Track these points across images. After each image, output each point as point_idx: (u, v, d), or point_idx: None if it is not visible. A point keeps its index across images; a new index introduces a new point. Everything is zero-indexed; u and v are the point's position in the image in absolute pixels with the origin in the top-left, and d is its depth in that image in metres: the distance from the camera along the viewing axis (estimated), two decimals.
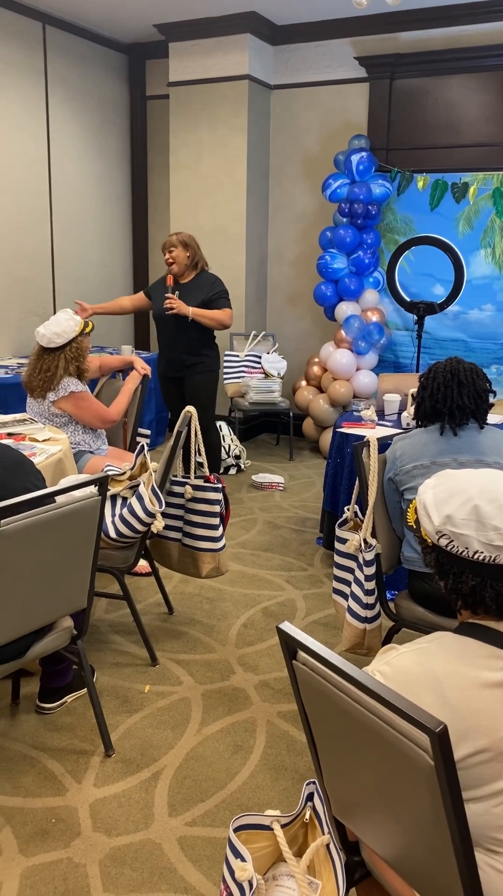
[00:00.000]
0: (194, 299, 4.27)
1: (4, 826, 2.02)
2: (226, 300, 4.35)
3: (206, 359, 4.44)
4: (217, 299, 4.31)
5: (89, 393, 3.46)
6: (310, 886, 1.51)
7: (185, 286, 4.33)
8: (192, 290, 4.31)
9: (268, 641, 3.03)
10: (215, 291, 4.32)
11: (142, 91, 6.28)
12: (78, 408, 3.39)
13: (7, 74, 5.05)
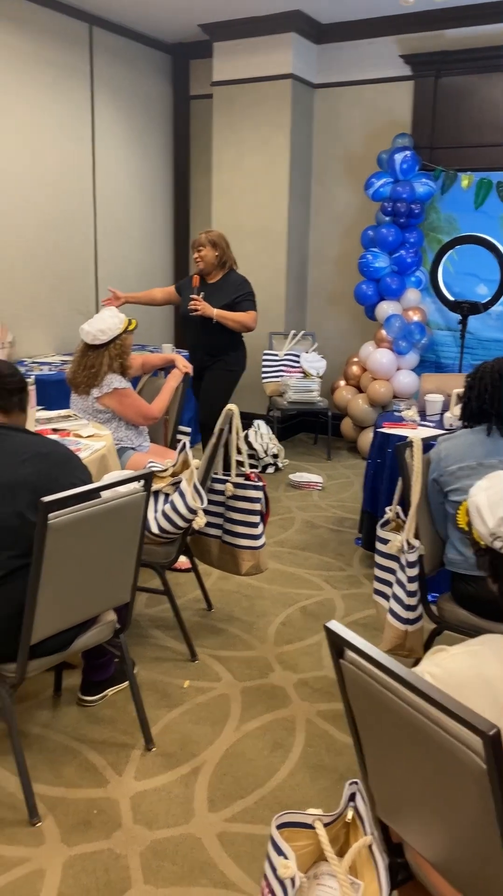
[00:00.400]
0: (220, 300, 4.24)
1: (47, 815, 2.06)
2: (251, 302, 4.30)
3: (227, 359, 4.41)
4: (242, 301, 4.27)
5: (132, 390, 3.50)
6: (352, 887, 1.51)
7: (212, 286, 4.31)
8: (219, 291, 4.28)
9: (306, 640, 3.03)
10: (241, 293, 4.28)
11: (185, 91, 6.31)
12: (121, 404, 3.43)
13: (54, 75, 5.12)
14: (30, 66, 4.94)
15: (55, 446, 2.15)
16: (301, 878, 1.48)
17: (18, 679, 2.01)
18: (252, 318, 4.28)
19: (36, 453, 2.08)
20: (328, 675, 2.78)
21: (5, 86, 4.79)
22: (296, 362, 5.75)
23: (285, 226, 5.80)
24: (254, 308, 4.32)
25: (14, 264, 5.06)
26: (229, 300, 4.26)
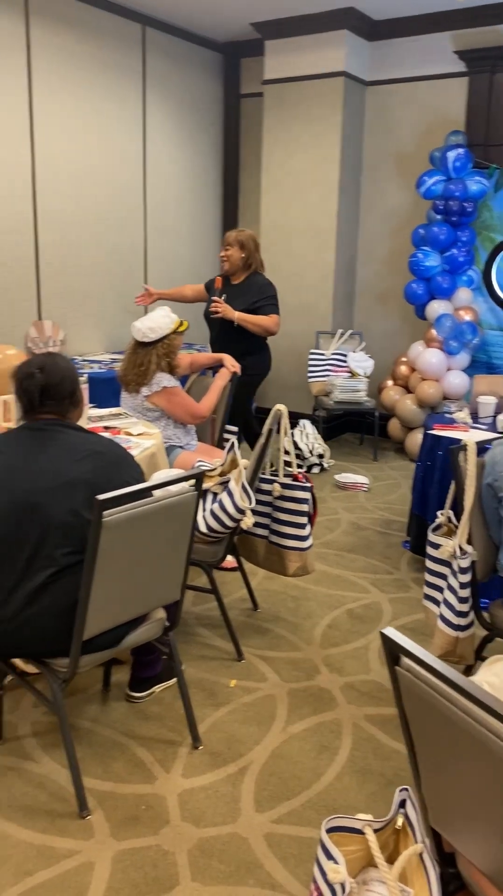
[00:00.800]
0: (242, 302, 4.16)
1: (97, 809, 2.08)
2: (273, 306, 4.21)
3: (245, 363, 4.32)
4: (265, 305, 4.18)
5: (181, 388, 3.52)
6: (402, 894, 1.49)
7: (236, 287, 4.25)
8: (242, 292, 4.22)
9: (353, 643, 3.01)
10: (264, 296, 4.20)
11: (236, 89, 6.32)
12: (170, 402, 3.45)
13: (109, 76, 5.18)
14: (84, 66, 5.00)
15: (110, 445, 2.18)
16: (351, 884, 1.47)
17: (70, 674, 2.04)
18: (274, 322, 4.18)
19: (92, 452, 2.10)
20: (375, 680, 2.76)
21: (60, 86, 4.86)
22: (343, 362, 5.72)
23: (334, 224, 5.77)
24: (277, 312, 4.22)
25: (66, 263, 5.14)
26: (251, 303, 4.17)
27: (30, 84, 4.67)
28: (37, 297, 4.99)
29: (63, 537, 2.00)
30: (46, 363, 2.16)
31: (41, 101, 4.75)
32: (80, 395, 2.34)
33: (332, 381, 5.57)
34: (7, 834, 1.99)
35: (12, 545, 2.00)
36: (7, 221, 4.66)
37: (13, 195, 4.67)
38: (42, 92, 4.75)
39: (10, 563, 2.00)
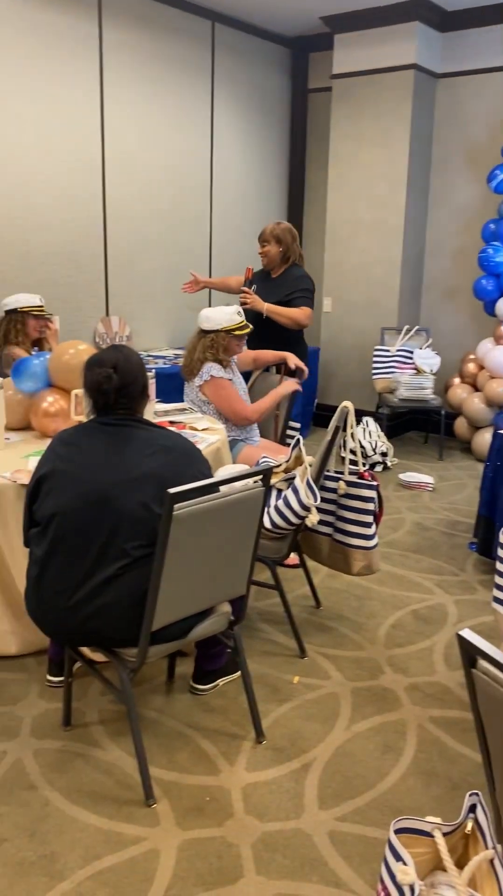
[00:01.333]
0: (276, 295, 4.10)
1: (162, 798, 2.11)
2: (306, 298, 4.12)
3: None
4: (298, 297, 4.10)
5: (230, 383, 3.51)
6: None
7: (273, 281, 4.19)
8: (278, 286, 4.16)
9: (418, 644, 2.98)
10: (298, 288, 4.12)
11: (303, 84, 6.30)
12: (216, 395, 3.46)
13: (178, 73, 5.23)
14: (154, 64, 5.06)
15: (179, 440, 2.20)
16: (420, 886, 1.46)
17: (139, 663, 2.07)
18: (305, 314, 4.08)
19: (162, 447, 2.13)
20: (441, 682, 2.72)
21: (130, 85, 4.92)
22: (409, 358, 5.65)
23: (402, 219, 5.69)
24: (310, 304, 4.12)
25: (133, 259, 5.21)
26: (285, 295, 4.11)
27: (101, 83, 4.75)
28: (105, 293, 5.07)
29: (133, 530, 2.03)
30: (119, 362, 2.16)
31: (112, 100, 4.82)
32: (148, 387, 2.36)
33: (398, 378, 5.50)
34: (75, 818, 2.03)
35: (85, 537, 2.04)
36: (78, 219, 4.75)
37: (85, 193, 4.76)
38: (113, 90, 4.82)
39: (82, 554, 2.04)
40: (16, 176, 4.35)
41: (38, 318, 3.81)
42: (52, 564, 2.07)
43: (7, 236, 4.36)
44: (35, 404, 3.15)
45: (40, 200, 4.51)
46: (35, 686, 2.63)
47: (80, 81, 4.61)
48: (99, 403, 2.19)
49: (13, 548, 2.63)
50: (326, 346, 6.32)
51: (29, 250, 4.50)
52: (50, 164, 4.52)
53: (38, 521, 2.13)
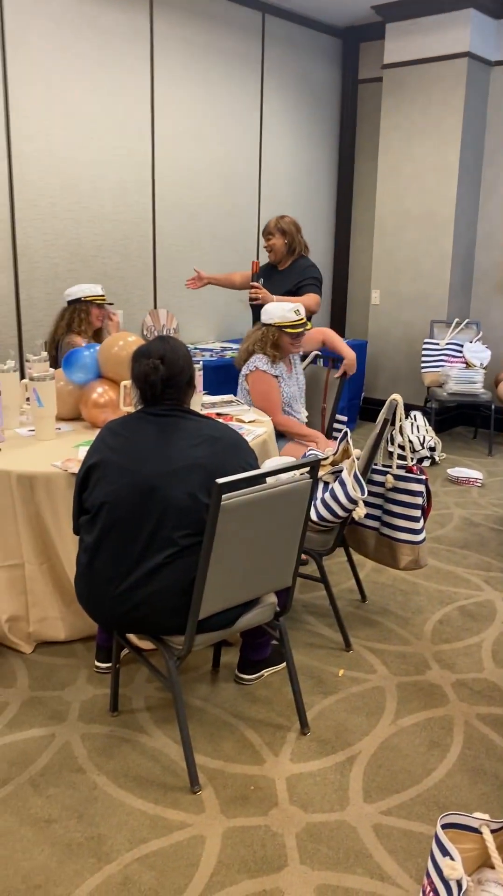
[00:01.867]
0: (285, 286, 4.10)
1: (207, 785, 2.13)
2: (313, 286, 4.10)
3: None
4: (306, 285, 4.09)
5: (273, 381, 3.49)
6: None
7: (281, 274, 4.20)
8: (286, 278, 4.15)
9: (465, 640, 2.94)
10: (305, 277, 4.11)
11: (354, 75, 6.23)
12: (255, 387, 3.48)
13: (228, 65, 5.23)
14: (204, 57, 5.06)
15: (226, 430, 2.21)
16: (468, 882, 1.44)
17: (185, 651, 2.09)
18: (313, 301, 4.05)
19: (208, 437, 2.14)
20: (489, 679, 2.68)
21: (181, 77, 4.94)
22: (459, 352, 5.56)
23: (453, 210, 5.60)
24: (318, 292, 4.10)
25: (181, 252, 5.24)
26: (293, 285, 4.11)
27: (152, 76, 4.77)
28: (153, 285, 5.11)
29: (180, 519, 2.05)
30: (166, 353, 2.19)
31: (162, 93, 4.85)
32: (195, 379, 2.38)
33: (447, 371, 5.43)
34: (122, 802, 2.07)
35: (134, 525, 2.06)
36: (128, 212, 4.80)
37: (135, 186, 4.81)
38: (164, 83, 4.85)
39: (131, 542, 2.07)
40: (69, 170, 4.41)
41: (101, 308, 3.87)
42: (102, 552, 2.10)
43: (61, 229, 4.43)
44: (85, 395, 3.20)
45: (92, 194, 4.56)
46: (83, 672, 2.68)
47: (131, 75, 4.65)
48: (146, 394, 2.21)
49: (63, 535, 2.67)
50: (374, 339, 6.27)
51: (81, 243, 4.56)
52: (102, 158, 4.57)
53: (88, 510, 2.16)
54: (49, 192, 4.34)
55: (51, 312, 4.46)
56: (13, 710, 2.46)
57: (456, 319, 5.72)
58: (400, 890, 1.80)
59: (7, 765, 2.20)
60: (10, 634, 2.76)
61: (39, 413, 3.01)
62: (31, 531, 2.69)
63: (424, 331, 5.91)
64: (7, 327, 4.28)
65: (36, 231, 4.32)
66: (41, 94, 4.21)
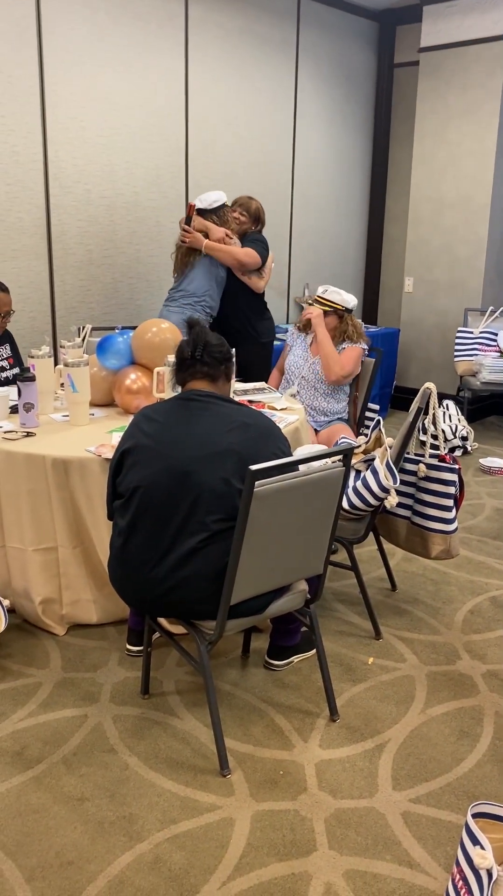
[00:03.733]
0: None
1: (237, 769, 2.15)
2: (252, 243, 4.03)
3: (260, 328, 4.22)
4: (246, 242, 4.04)
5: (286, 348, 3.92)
6: None
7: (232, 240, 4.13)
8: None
9: (497, 631, 2.92)
10: (249, 238, 4.08)
11: (390, 59, 6.15)
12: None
13: (263, 50, 5.19)
14: (239, 41, 5.03)
15: (259, 417, 2.21)
16: (498, 871, 1.44)
17: (217, 636, 2.11)
18: (247, 253, 3.96)
19: (241, 423, 2.15)
20: None
21: (215, 62, 4.92)
22: (493, 341, 5.49)
23: (489, 196, 5.52)
24: (258, 251, 4.01)
25: None
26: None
27: (186, 61, 4.76)
28: None
29: (214, 504, 2.06)
30: (206, 334, 2.28)
31: (196, 78, 4.83)
32: (232, 370, 2.40)
33: (480, 360, 5.36)
34: (153, 783, 2.10)
35: (167, 510, 2.08)
36: (162, 198, 4.80)
37: (169, 171, 4.80)
38: (198, 68, 4.83)
39: (164, 527, 2.09)
40: (104, 156, 4.42)
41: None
42: (136, 535, 2.12)
43: (95, 216, 4.45)
44: (118, 381, 3.22)
45: (127, 180, 4.57)
46: (115, 654, 2.71)
47: (166, 61, 4.64)
48: (183, 364, 2.27)
49: (97, 519, 2.70)
50: (407, 327, 6.21)
51: (115, 229, 4.58)
52: (136, 144, 4.58)
53: (122, 494, 2.19)
54: (84, 178, 4.36)
55: (85, 299, 4.49)
56: (46, 691, 2.50)
57: (490, 308, 5.64)
58: (428, 877, 1.81)
59: (41, 744, 2.25)
60: (43, 616, 2.80)
61: (73, 399, 3.04)
62: (65, 515, 2.72)
63: (458, 319, 5.84)
64: (41, 314, 4.31)
65: (70, 218, 4.34)
66: (76, 81, 4.22)
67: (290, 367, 3.81)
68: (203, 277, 4.02)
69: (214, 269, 4.03)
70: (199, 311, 4.01)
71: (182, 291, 4.06)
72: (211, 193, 4.04)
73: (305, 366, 3.73)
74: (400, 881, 1.80)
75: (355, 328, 3.72)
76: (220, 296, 4.13)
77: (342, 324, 3.73)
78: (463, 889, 1.52)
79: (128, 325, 4.49)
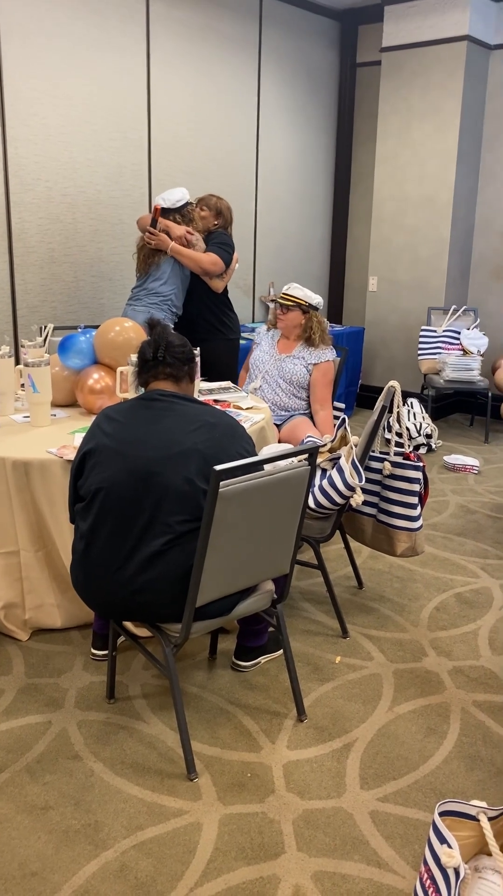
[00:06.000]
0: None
1: (204, 772, 2.13)
2: (219, 248, 4.01)
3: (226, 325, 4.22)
4: (210, 246, 4.02)
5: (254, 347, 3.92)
6: None
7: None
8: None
9: (462, 628, 2.94)
10: (214, 240, 4.05)
11: (352, 59, 6.17)
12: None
13: (225, 48, 5.16)
14: (201, 39, 5.00)
15: (223, 417, 2.19)
16: (465, 870, 1.44)
17: (182, 639, 2.08)
18: (209, 259, 3.95)
19: (205, 423, 2.13)
20: (485, 666, 2.68)
21: (177, 59, 4.88)
22: (456, 339, 5.54)
23: (451, 196, 5.57)
24: (220, 255, 4.00)
25: None
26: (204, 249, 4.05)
27: (148, 58, 4.71)
28: None
29: (178, 505, 2.04)
30: (166, 335, 2.26)
31: (159, 75, 4.79)
32: (195, 370, 2.37)
33: (444, 359, 5.41)
34: (119, 789, 2.06)
35: (130, 511, 2.05)
36: (125, 196, 4.75)
37: (132, 169, 4.75)
38: (160, 66, 4.78)
39: (127, 528, 2.05)
40: (65, 153, 4.36)
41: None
42: (98, 539, 2.09)
43: (56, 213, 4.38)
44: (81, 381, 3.17)
45: (89, 178, 4.51)
46: (79, 659, 2.67)
47: (127, 57, 4.59)
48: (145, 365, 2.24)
49: (59, 522, 2.66)
50: (371, 326, 6.25)
51: (77, 227, 4.52)
52: (98, 141, 4.52)
53: (83, 496, 2.15)
54: (45, 175, 4.29)
55: (46, 298, 4.42)
56: (9, 698, 2.45)
57: (453, 306, 5.69)
58: (397, 876, 1.80)
59: (3, 752, 2.20)
60: (6, 622, 2.75)
61: (34, 399, 2.98)
62: (27, 518, 2.67)
63: (421, 318, 5.88)
64: (2, 313, 4.24)
65: (31, 215, 4.27)
66: (36, 77, 4.15)
67: (255, 363, 3.81)
68: (169, 276, 3.99)
69: (179, 268, 4.00)
70: (165, 310, 3.98)
71: (146, 290, 4.02)
72: (174, 191, 4.01)
73: (270, 361, 3.74)
74: (368, 881, 1.79)
75: (319, 325, 3.73)
76: (185, 294, 4.10)
77: (307, 320, 3.72)
78: (430, 888, 1.51)
79: (91, 324, 4.43)
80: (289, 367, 3.68)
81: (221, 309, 4.19)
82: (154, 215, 3.99)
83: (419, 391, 5.87)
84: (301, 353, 3.70)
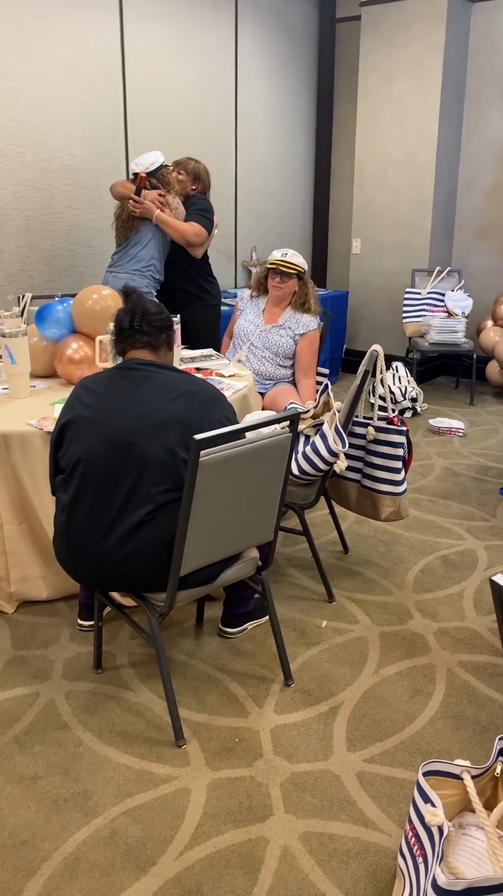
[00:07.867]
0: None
1: (192, 739, 2.15)
2: (199, 216, 3.95)
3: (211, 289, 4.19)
4: (191, 213, 3.96)
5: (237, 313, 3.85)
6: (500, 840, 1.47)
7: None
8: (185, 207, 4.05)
9: (447, 589, 2.96)
10: (193, 206, 3.99)
11: (331, 14, 6.02)
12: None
13: (202, 3, 5.01)
14: None
15: (202, 384, 2.17)
16: (449, 827, 1.46)
17: (167, 608, 2.08)
18: (193, 231, 3.90)
19: (185, 391, 2.10)
20: (470, 627, 2.71)
21: (152, 15, 4.74)
22: (441, 301, 5.51)
23: (433, 154, 5.48)
24: (202, 223, 3.94)
25: None
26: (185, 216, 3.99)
27: (121, 17, 4.57)
28: None
29: (159, 475, 2.02)
30: (142, 303, 2.23)
31: (133, 34, 4.65)
32: (173, 338, 2.34)
33: (428, 321, 5.38)
34: (108, 758, 2.08)
35: (111, 482, 2.03)
36: (100, 160, 4.64)
37: (108, 132, 4.64)
38: (133, 24, 4.65)
39: (109, 499, 2.04)
40: (38, 118, 4.24)
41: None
42: (79, 510, 2.07)
43: (31, 180, 4.28)
44: (59, 351, 3.13)
45: (63, 142, 4.40)
46: (66, 630, 2.67)
47: (100, 17, 4.45)
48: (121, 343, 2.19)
49: (41, 495, 2.64)
50: (355, 290, 6.19)
51: (53, 194, 4.42)
52: (72, 105, 4.40)
53: (63, 468, 2.13)
54: (18, 141, 4.18)
55: (24, 267, 4.34)
56: None
57: (437, 268, 5.65)
58: (383, 835, 1.83)
59: None
60: None
61: (13, 370, 2.94)
62: (8, 491, 2.65)
63: (406, 280, 5.83)
64: None
65: (5, 182, 4.17)
66: (5, 40, 4.02)
67: (239, 332, 3.76)
68: (149, 242, 3.92)
69: (160, 234, 3.93)
70: (148, 276, 3.91)
71: (128, 256, 3.95)
72: (147, 155, 3.92)
73: (256, 332, 3.68)
74: (355, 840, 1.82)
75: (314, 291, 3.69)
76: (165, 260, 4.04)
77: (302, 287, 3.66)
78: (415, 845, 1.54)
79: (69, 293, 4.37)
80: (275, 338, 3.64)
81: (201, 275, 4.13)
82: (139, 183, 3.91)
83: (404, 354, 5.85)
84: (288, 323, 3.64)
